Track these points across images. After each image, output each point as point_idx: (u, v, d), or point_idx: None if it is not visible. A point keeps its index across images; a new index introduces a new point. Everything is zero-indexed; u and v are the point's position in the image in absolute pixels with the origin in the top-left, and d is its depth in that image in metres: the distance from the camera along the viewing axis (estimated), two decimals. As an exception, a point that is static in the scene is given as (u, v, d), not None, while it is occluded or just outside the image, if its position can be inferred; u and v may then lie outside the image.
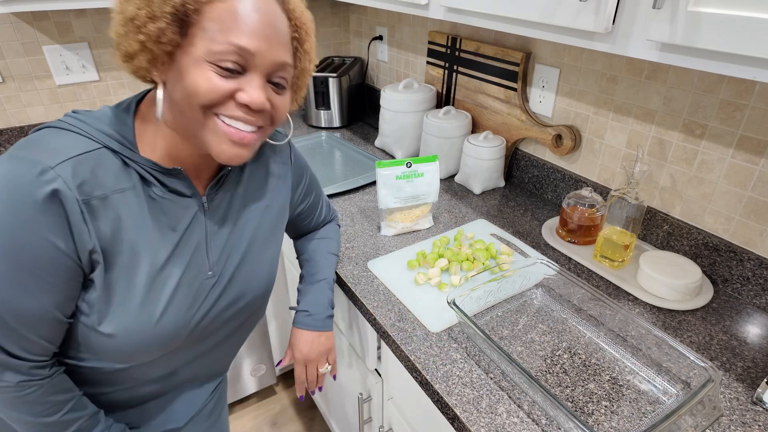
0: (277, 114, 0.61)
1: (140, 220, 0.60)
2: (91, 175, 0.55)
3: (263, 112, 0.59)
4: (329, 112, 1.75)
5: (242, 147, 0.59)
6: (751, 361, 0.77)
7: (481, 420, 0.68)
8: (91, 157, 0.56)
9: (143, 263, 0.60)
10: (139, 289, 0.60)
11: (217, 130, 0.57)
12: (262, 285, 0.75)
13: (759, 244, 0.88)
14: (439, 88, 1.51)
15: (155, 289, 0.61)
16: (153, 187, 0.61)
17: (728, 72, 0.57)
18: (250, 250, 0.73)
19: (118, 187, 0.58)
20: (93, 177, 0.55)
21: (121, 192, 0.58)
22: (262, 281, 0.75)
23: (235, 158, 0.59)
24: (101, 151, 0.57)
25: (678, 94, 0.93)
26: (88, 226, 0.55)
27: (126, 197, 0.58)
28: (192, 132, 0.58)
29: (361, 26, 1.89)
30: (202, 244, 0.66)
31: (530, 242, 1.08)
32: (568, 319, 0.86)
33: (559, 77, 1.15)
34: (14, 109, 1.51)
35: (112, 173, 0.57)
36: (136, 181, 0.59)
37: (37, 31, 1.45)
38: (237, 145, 0.58)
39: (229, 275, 0.70)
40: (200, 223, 0.66)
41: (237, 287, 0.71)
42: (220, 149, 0.58)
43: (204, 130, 0.57)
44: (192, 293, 0.65)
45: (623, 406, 0.69)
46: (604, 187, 1.12)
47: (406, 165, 1.08)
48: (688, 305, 0.87)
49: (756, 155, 0.84)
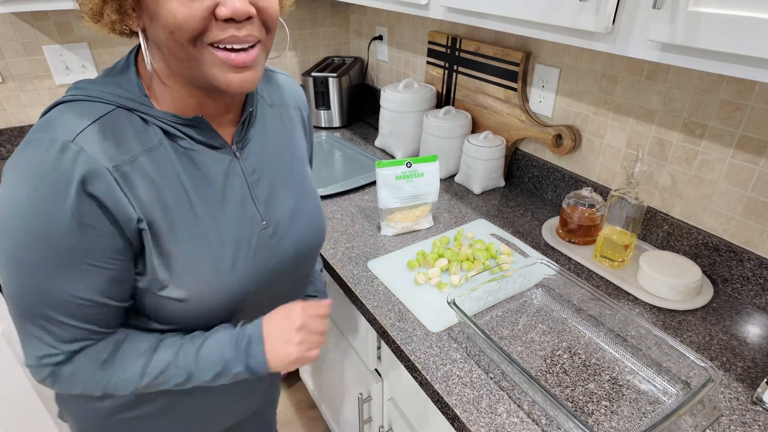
0: (268, 16, 0.55)
1: (176, 178, 0.57)
2: (113, 139, 0.53)
3: (251, 20, 0.53)
4: (329, 112, 1.75)
5: (248, 69, 0.55)
6: (751, 361, 0.77)
7: (481, 420, 0.68)
8: (108, 121, 0.53)
9: (192, 223, 0.58)
10: (199, 249, 0.59)
11: (216, 61, 0.53)
12: (316, 233, 0.74)
13: (759, 244, 0.88)
14: (439, 88, 1.51)
15: (215, 246, 0.60)
16: (180, 141, 0.58)
17: (728, 72, 0.57)
18: (297, 198, 0.71)
19: (144, 147, 0.55)
20: (116, 141, 0.53)
21: (149, 152, 0.55)
22: (315, 230, 0.73)
23: (245, 83, 0.55)
24: (117, 112, 0.54)
25: (678, 94, 0.92)
26: (127, 195, 0.53)
27: (155, 157, 0.56)
28: (192, 73, 0.54)
29: (361, 26, 1.89)
30: (247, 195, 0.64)
31: (530, 242, 1.08)
32: (568, 319, 0.86)
33: (559, 77, 1.15)
34: (14, 109, 1.50)
35: (133, 134, 0.55)
36: (161, 137, 0.57)
37: (37, 30, 1.45)
38: (241, 69, 0.54)
39: (285, 224, 0.68)
40: (238, 174, 0.64)
41: (295, 236, 0.70)
42: (227, 79, 0.54)
43: (203, 66, 0.53)
44: (253, 246, 0.64)
45: (623, 406, 0.69)
46: (604, 187, 1.12)
47: (406, 165, 1.08)
48: (688, 305, 0.87)
49: (756, 155, 0.84)
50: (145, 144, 0.55)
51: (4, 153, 1.53)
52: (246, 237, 0.63)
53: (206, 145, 0.61)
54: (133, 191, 0.54)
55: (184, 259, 0.58)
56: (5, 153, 1.53)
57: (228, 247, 0.61)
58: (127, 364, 0.60)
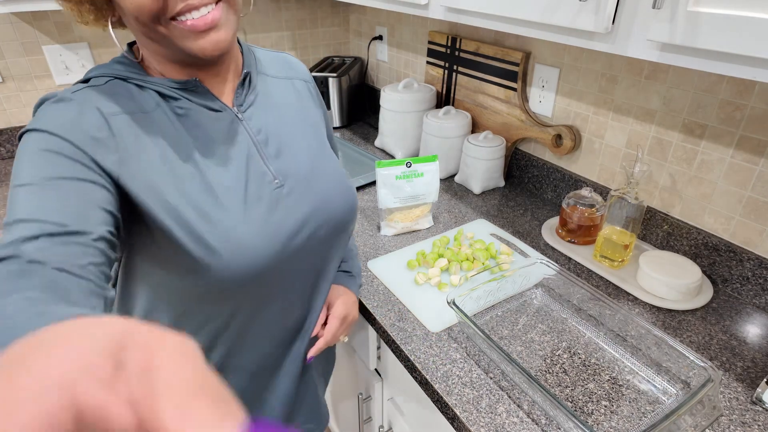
0: None
1: (177, 137, 0.59)
2: (109, 99, 0.55)
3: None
4: (329, 111, 1.75)
5: (215, 30, 0.55)
6: (750, 360, 0.77)
7: (480, 420, 0.68)
8: (103, 89, 0.56)
9: (197, 179, 0.59)
10: (209, 198, 0.59)
11: (184, 32, 0.54)
12: (342, 198, 0.72)
13: (759, 244, 0.88)
14: (438, 88, 1.51)
15: (224, 196, 0.60)
16: (177, 102, 0.60)
17: (728, 72, 0.57)
18: (314, 161, 0.70)
19: (141, 108, 0.57)
20: (112, 101, 0.56)
21: (145, 113, 0.57)
22: (340, 195, 0.72)
23: (218, 45, 0.56)
24: (113, 82, 0.57)
25: (678, 94, 0.93)
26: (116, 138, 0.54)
27: (152, 118, 0.58)
28: (170, 49, 0.56)
29: (360, 26, 1.89)
30: (254, 153, 0.64)
31: (530, 242, 1.08)
32: (567, 318, 0.86)
33: (558, 77, 1.15)
34: (14, 108, 1.50)
35: (128, 97, 0.57)
36: (158, 100, 0.59)
37: (37, 30, 1.45)
38: (207, 32, 0.55)
39: (302, 184, 0.67)
40: (242, 134, 0.64)
41: (318, 198, 0.68)
42: (199, 46, 0.55)
43: (176, 41, 0.55)
44: (265, 202, 0.63)
45: (623, 405, 0.69)
46: (604, 187, 1.12)
47: (406, 165, 1.08)
48: (688, 305, 0.87)
49: (756, 155, 0.84)
50: (142, 106, 0.57)
51: (3, 153, 1.52)
52: (255, 192, 0.63)
53: (205, 107, 0.62)
54: (123, 136, 0.55)
55: (192, 222, 0.57)
56: (5, 153, 1.53)
57: (236, 198, 0.61)
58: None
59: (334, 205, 0.71)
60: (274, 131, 0.68)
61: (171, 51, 0.57)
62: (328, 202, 0.70)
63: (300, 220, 0.66)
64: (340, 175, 0.74)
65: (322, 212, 0.69)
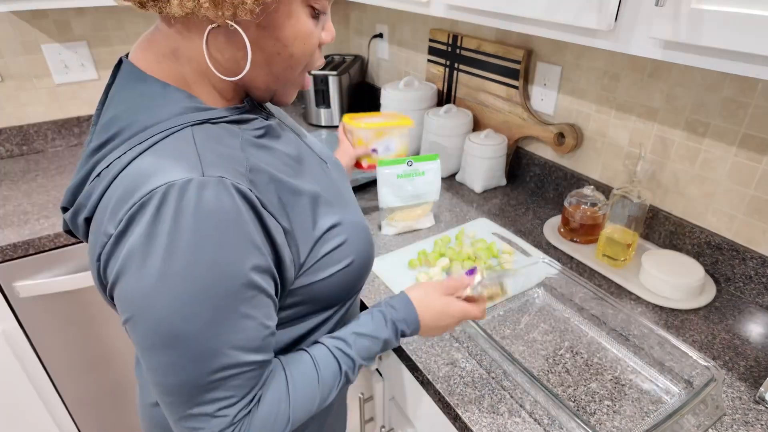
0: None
1: (277, 157, 0.54)
2: (223, 155, 0.47)
3: None
4: (329, 110, 1.75)
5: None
6: (753, 360, 0.77)
7: (482, 420, 0.68)
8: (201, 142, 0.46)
9: (318, 188, 0.56)
10: (334, 205, 0.57)
11: (299, 82, 0.55)
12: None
13: (762, 243, 0.87)
14: (440, 86, 1.51)
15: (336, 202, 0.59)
16: (248, 124, 0.54)
17: (732, 70, 0.56)
18: (325, 145, 0.71)
19: (240, 148, 0.49)
20: (227, 156, 0.47)
21: (243, 151, 0.49)
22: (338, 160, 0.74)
23: (293, 100, 0.58)
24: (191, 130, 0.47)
25: (680, 92, 0.92)
26: (267, 209, 0.48)
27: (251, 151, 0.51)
28: (273, 88, 0.53)
29: (361, 24, 1.88)
30: (307, 148, 0.63)
31: (532, 241, 1.08)
32: (570, 318, 0.85)
33: (560, 75, 1.15)
34: (13, 108, 1.50)
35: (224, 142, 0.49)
36: (236, 131, 0.51)
37: (36, 29, 1.45)
38: (298, 90, 0.56)
39: (331, 160, 0.68)
40: (287, 130, 0.61)
41: (340, 167, 0.69)
42: (289, 98, 0.56)
43: (288, 86, 0.54)
44: (334, 182, 0.62)
45: (625, 405, 0.69)
46: (607, 185, 1.12)
47: (407, 164, 1.07)
48: (691, 304, 0.87)
49: (759, 153, 0.84)
50: (236, 146, 0.49)
51: (3, 152, 1.52)
52: (325, 175, 0.62)
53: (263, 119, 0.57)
54: (267, 200, 0.49)
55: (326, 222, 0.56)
56: (4, 152, 1.52)
57: (344, 198, 0.61)
58: (304, 382, 0.54)
59: (344, 170, 0.72)
60: (289, 123, 0.67)
61: (273, 89, 0.54)
62: (340, 166, 0.71)
63: (348, 188, 0.68)
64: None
65: (345, 177, 0.70)
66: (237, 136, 0.50)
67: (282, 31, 0.48)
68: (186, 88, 0.50)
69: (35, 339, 1.25)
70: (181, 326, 0.43)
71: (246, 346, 0.47)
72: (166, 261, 0.42)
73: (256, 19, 0.45)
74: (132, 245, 0.42)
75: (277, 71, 0.51)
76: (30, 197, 1.30)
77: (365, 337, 0.59)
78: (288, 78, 0.53)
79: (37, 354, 1.27)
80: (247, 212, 0.45)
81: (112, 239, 0.43)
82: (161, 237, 0.42)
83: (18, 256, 1.14)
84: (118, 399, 1.46)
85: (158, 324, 0.43)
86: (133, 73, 0.49)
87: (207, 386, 0.46)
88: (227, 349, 0.45)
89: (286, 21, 0.47)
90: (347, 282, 0.59)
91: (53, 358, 1.29)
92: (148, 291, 0.42)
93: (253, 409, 0.50)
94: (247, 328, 0.46)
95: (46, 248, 1.16)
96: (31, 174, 1.43)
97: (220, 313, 0.44)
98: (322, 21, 0.52)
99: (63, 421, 1.40)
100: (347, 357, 0.57)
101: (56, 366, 1.31)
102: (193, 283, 0.43)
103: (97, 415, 1.45)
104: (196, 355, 0.44)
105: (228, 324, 0.45)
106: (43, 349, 1.27)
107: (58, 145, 1.60)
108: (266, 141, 0.54)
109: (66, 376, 1.34)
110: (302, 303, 0.57)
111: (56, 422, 1.38)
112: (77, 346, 1.31)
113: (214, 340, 0.44)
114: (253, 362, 0.48)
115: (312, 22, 0.50)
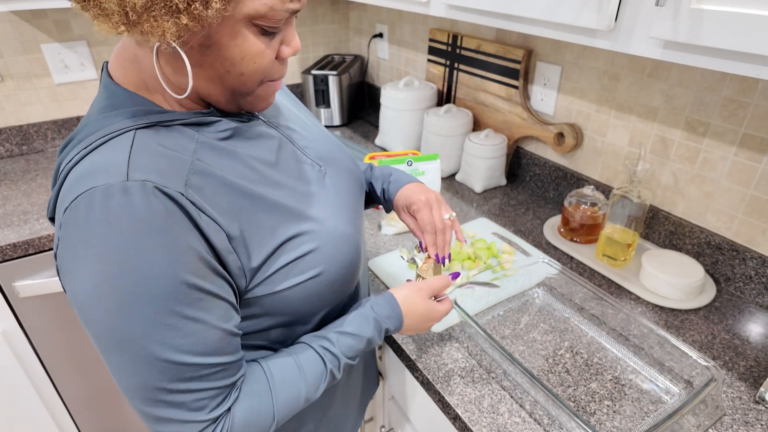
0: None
1: (237, 160, 0.53)
2: (160, 158, 0.46)
3: None
4: (329, 110, 1.75)
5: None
6: (753, 360, 0.77)
7: (482, 420, 0.67)
8: (139, 145, 0.46)
9: (285, 194, 0.55)
10: (300, 203, 0.56)
11: (266, 92, 0.53)
12: (353, 164, 0.72)
13: (762, 243, 0.87)
14: (439, 86, 1.51)
15: (313, 210, 0.57)
16: (210, 127, 0.53)
17: (732, 70, 0.56)
18: (325, 137, 0.69)
19: (189, 151, 0.49)
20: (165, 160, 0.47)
21: (194, 154, 0.49)
22: (350, 160, 0.71)
23: (269, 104, 0.56)
24: (140, 134, 0.47)
25: (680, 92, 0.92)
26: (207, 213, 0.47)
27: (203, 154, 0.50)
28: (239, 100, 0.52)
29: (361, 23, 1.88)
30: (297, 151, 0.61)
31: (532, 241, 1.08)
32: (570, 318, 0.85)
33: (560, 75, 1.15)
34: (12, 108, 1.50)
35: (171, 145, 0.48)
36: (192, 134, 0.51)
37: (36, 29, 1.45)
38: (273, 95, 0.55)
39: (335, 163, 0.66)
40: (273, 131, 0.60)
41: (344, 171, 0.67)
42: (261, 106, 0.55)
43: (254, 98, 0.53)
44: (325, 186, 0.61)
45: (625, 405, 0.69)
46: (606, 185, 1.12)
47: (407, 163, 1.07)
48: (691, 304, 0.86)
49: (759, 153, 0.84)
50: (188, 149, 0.49)
51: (3, 152, 1.52)
52: (316, 180, 0.61)
53: (235, 121, 0.56)
54: (212, 204, 0.48)
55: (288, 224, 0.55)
56: (4, 152, 1.52)
57: (317, 197, 0.59)
58: (286, 380, 0.55)
59: (356, 174, 0.70)
60: (290, 123, 0.65)
61: (239, 102, 0.53)
62: (351, 171, 0.69)
63: (349, 195, 0.66)
64: (343, 147, 0.73)
65: (355, 184, 0.69)
66: (192, 138, 0.50)
67: (227, 51, 0.47)
68: (147, 94, 0.51)
69: (35, 339, 1.25)
70: (124, 329, 0.44)
71: (198, 350, 0.46)
72: (95, 265, 0.42)
73: (192, 40, 0.45)
74: (64, 250, 0.44)
75: (231, 86, 0.50)
76: (30, 197, 1.30)
77: (348, 336, 0.60)
78: (246, 91, 0.52)
79: (37, 354, 1.27)
80: (176, 215, 0.44)
81: (55, 242, 0.45)
82: (91, 240, 0.42)
83: (18, 256, 1.14)
84: (118, 399, 1.46)
85: (104, 327, 0.44)
86: (105, 77, 0.52)
87: (168, 390, 0.46)
88: (178, 353, 0.45)
89: (230, 41, 0.46)
90: (314, 294, 0.56)
91: (53, 358, 1.29)
92: (86, 296, 0.43)
93: (233, 407, 0.51)
94: (196, 331, 0.46)
95: (46, 248, 1.16)
96: (31, 174, 1.43)
97: (160, 316, 0.44)
98: (280, 36, 0.50)
99: (63, 421, 1.40)
100: (331, 354, 0.58)
101: (56, 366, 1.31)
102: (124, 286, 0.43)
103: (97, 415, 1.45)
104: (146, 357, 0.44)
105: (172, 327, 0.45)
106: (43, 349, 1.27)
107: (57, 144, 1.60)
108: (230, 144, 0.53)
109: (66, 376, 1.34)
110: (263, 314, 0.56)
111: (56, 422, 1.38)
112: (77, 346, 1.31)
113: (160, 343, 0.44)
114: (213, 365, 0.48)
115: (263, 40, 0.48)
